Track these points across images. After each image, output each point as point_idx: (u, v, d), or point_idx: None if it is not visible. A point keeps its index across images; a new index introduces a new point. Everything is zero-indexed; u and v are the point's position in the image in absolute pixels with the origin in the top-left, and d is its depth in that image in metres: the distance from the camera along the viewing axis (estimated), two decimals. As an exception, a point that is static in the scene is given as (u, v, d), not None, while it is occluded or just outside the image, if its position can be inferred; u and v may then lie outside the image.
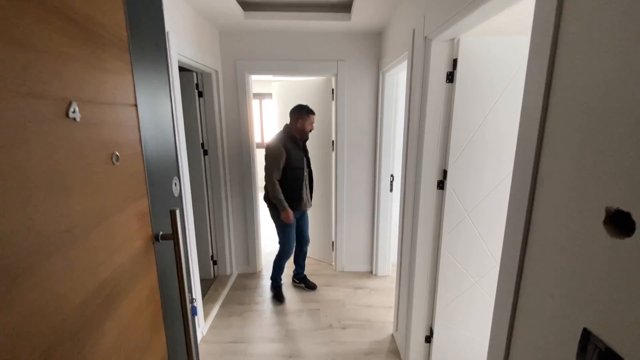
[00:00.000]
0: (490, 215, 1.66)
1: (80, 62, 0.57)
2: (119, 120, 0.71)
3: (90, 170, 0.60)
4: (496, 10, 1.13)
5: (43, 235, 0.47)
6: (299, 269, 2.83)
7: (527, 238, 0.78)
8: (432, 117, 1.59)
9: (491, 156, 1.59)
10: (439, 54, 1.53)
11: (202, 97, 2.62)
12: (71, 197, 0.54)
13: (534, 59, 0.74)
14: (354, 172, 2.92)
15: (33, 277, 0.45)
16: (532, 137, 0.75)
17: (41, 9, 0.48)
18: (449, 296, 1.79)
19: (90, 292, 0.58)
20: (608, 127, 0.56)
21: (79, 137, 0.56)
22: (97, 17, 0.63)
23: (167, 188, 1.01)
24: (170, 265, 0.98)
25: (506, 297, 0.85)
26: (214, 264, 2.97)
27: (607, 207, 0.56)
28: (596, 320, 0.58)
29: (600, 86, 0.58)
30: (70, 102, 0.54)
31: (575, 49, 0.63)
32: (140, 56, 0.82)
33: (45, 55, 0.49)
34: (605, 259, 0.56)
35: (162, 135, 0.97)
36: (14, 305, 0.42)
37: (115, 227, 0.68)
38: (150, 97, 0.88)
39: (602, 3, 0.57)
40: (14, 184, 0.42)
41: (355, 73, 2.73)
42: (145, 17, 0.89)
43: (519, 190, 0.80)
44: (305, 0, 2.27)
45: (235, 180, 2.90)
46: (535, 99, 0.73)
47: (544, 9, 0.71)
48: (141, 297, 0.80)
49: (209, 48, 2.39)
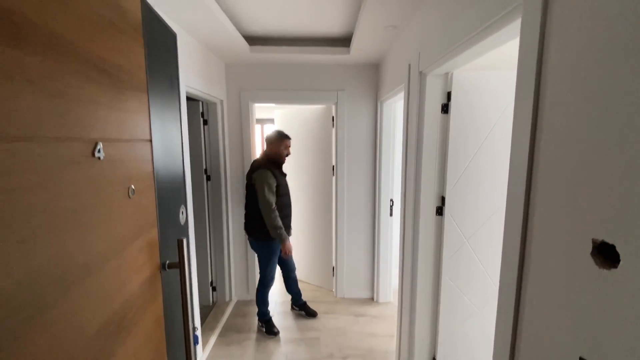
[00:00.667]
0: (489, 243, 1.69)
1: (105, 106, 0.63)
2: (136, 155, 0.76)
3: (109, 205, 0.64)
4: (485, 51, 1.22)
5: (66, 268, 0.51)
6: (295, 296, 2.74)
7: (522, 269, 0.81)
8: (428, 146, 1.66)
9: (487, 184, 1.64)
10: (433, 87, 1.62)
11: (207, 125, 2.71)
12: (92, 231, 0.57)
13: (520, 96, 0.81)
14: (354, 196, 2.96)
15: (55, 310, 0.48)
16: (521, 171, 0.80)
17: (77, 63, 0.54)
18: (451, 324, 1.77)
19: (103, 323, 0.60)
20: (591, 162, 0.61)
21: (101, 173, 0.61)
22: (123, 64, 0.70)
23: (174, 217, 1.04)
24: (174, 294, 1.00)
25: (505, 328, 0.87)
26: (213, 290, 2.93)
27: (593, 238, 0.60)
28: (591, 349, 0.60)
29: (580, 122, 0.63)
30: (97, 143, 0.59)
31: (557, 87, 0.70)
32: (156, 95, 0.89)
33: (78, 103, 0.54)
34: (596, 289, 0.59)
35: (172, 167, 1.02)
36: (39, 337, 0.44)
37: (127, 258, 0.71)
38: (163, 132, 0.94)
39: (582, 45, 0.64)
40: (45, 222, 0.46)
41: (354, 102, 2.84)
42: (162, 61, 0.96)
43: (513, 221, 0.84)
44: (307, 35, 2.42)
45: (236, 206, 2.93)
46: (523, 136, 0.79)
47: (527, 48, 0.79)
48: (147, 326, 0.82)
49: (215, 79, 2.51)
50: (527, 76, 0.78)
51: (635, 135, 0.52)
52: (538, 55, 0.75)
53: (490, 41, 1.10)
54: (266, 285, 2.48)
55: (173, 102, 1.06)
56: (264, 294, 2.50)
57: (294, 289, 2.72)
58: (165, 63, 1.00)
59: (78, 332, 0.53)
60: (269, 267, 2.43)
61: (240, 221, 2.95)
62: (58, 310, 0.48)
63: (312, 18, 2.07)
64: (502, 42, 1.11)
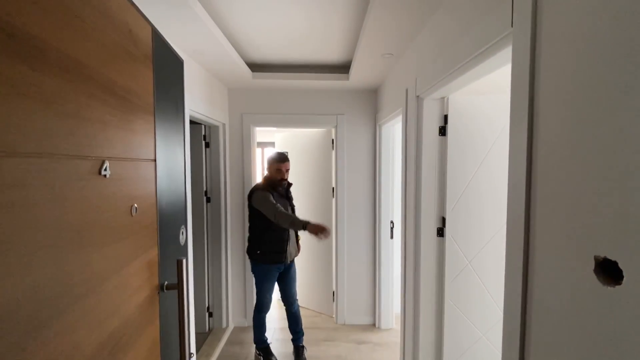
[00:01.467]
0: (492, 264, 1.66)
1: (114, 126, 0.65)
2: (140, 175, 0.77)
3: (112, 223, 0.64)
4: (479, 76, 1.27)
5: (65, 286, 0.50)
6: (293, 334, 2.48)
7: (526, 291, 0.80)
8: (427, 167, 1.68)
9: (487, 204, 1.64)
10: (430, 111, 1.67)
11: (209, 148, 2.75)
12: (93, 249, 0.57)
13: (515, 119, 0.83)
14: (354, 218, 2.95)
15: (54, 327, 0.47)
16: (520, 190, 0.81)
17: (90, 85, 0.57)
18: (456, 351, 1.70)
19: (99, 344, 0.59)
20: (588, 179, 0.62)
21: (106, 191, 0.62)
22: (133, 88, 0.73)
23: (174, 237, 1.04)
24: (171, 317, 0.97)
25: (512, 353, 0.84)
26: (209, 316, 2.84)
27: (595, 256, 0.60)
28: (602, 372, 0.58)
29: (575, 140, 0.65)
30: (104, 161, 0.60)
31: (549, 107, 0.72)
32: (162, 117, 0.92)
33: (88, 123, 0.56)
34: (602, 307, 0.58)
35: (175, 187, 1.03)
36: (37, 354, 0.43)
37: (126, 277, 0.70)
38: (167, 153, 0.96)
39: (570, 68, 0.67)
40: (49, 238, 0.46)
41: (353, 125, 2.90)
42: (169, 85, 1.00)
43: (514, 242, 0.84)
44: (307, 62, 2.52)
45: (236, 229, 2.91)
46: (520, 156, 0.81)
47: (519, 72, 0.82)
48: (143, 350, 0.79)
49: (218, 103, 2.58)
50: (521, 98, 0.81)
51: (630, 150, 0.54)
52: (530, 78, 0.78)
53: (484, 67, 1.15)
54: (260, 310, 2.37)
55: (178, 125, 1.09)
56: (259, 320, 2.40)
57: (292, 326, 2.47)
58: (172, 88, 1.04)
59: (74, 351, 0.51)
60: (262, 291, 2.34)
61: (240, 244, 2.92)
62: (53, 329, 0.47)
63: (312, 47, 2.16)
64: (495, 67, 1.16)
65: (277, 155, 2.36)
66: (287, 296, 2.42)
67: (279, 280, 2.40)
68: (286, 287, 2.41)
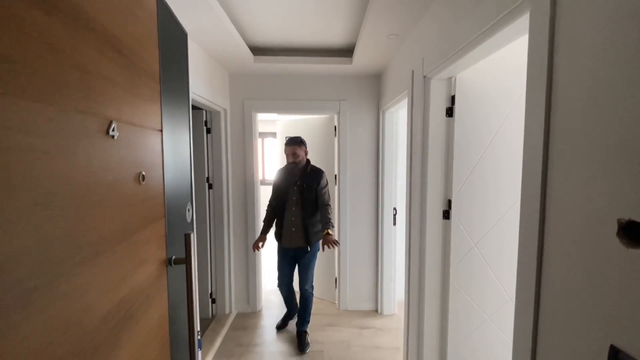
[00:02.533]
0: (499, 247, 1.65)
1: (121, 87, 0.63)
2: (147, 143, 0.75)
3: (120, 187, 0.62)
4: (488, 52, 1.24)
5: (78, 243, 0.48)
6: (298, 318, 2.51)
7: (541, 259, 0.79)
8: (434, 149, 1.66)
9: (495, 185, 1.62)
10: (438, 91, 1.64)
11: (210, 134, 2.72)
12: (103, 209, 0.56)
13: (532, 88, 0.81)
14: (357, 205, 2.94)
15: (65, 284, 0.45)
16: (537, 159, 0.79)
17: (98, 40, 0.54)
18: (460, 333, 1.71)
19: (110, 308, 0.58)
20: (612, 139, 0.60)
21: (114, 154, 0.60)
22: (138, 50, 0.70)
23: (181, 213, 1.02)
24: (179, 294, 0.96)
25: (526, 322, 0.83)
26: (212, 302, 2.85)
27: (618, 219, 0.58)
28: (623, 335, 0.57)
29: (598, 111, 0.63)
30: (111, 122, 0.58)
31: (570, 72, 0.70)
32: (167, 87, 0.89)
33: (96, 79, 0.54)
34: (624, 271, 0.57)
35: (180, 162, 1.01)
36: (48, 309, 0.42)
37: (135, 245, 0.69)
38: (172, 125, 0.94)
39: (592, 36, 0.65)
40: (60, 190, 0.45)
41: (356, 111, 2.87)
42: (174, 56, 0.97)
43: (529, 211, 0.82)
44: (310, 46, 2.47)
45: (238, 216, 2.89)
46: (537, 125, 0.79)
47: (537, 46, 0.80)
48: (152, 322, 0.78)
49: (219, 88, 2.54)
50: (539, 62, 0.78)
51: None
52: (549, 45, 0.76)
53: (494, 41, 1.12)
54: (278, 283, 2.60)
55: (183, 99, 1.06)
56: (280, 292, 2.64)
57: (299, 311, 2.51)
58: (176, 59, 1.01)
59: (86, 312, 0.50)
60: (277, 264, 2.58)
61: (242, 231, 2.91)
62: (68, 285, 0.46)
63: (315, 29, 2.12)
64: (506, 41, 1.13)
65: (285, 140, 2.49)
66: (299, 281, 2.52)
67: (297, 264, 2.53)
68: (299, 272, 2.52)
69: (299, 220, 2.37)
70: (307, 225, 2.36)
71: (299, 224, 2.37)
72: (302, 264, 2.46)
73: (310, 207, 2.36)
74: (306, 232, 2.36)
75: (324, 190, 2.36)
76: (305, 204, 2.36)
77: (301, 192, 2.36)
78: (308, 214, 2.35)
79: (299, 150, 2.38)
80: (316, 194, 2.36)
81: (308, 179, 2.38)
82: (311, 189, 2.35)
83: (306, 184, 2.36)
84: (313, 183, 2.36)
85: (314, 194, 2.36)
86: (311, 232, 2.36)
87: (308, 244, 2.37)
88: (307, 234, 2.36)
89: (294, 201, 2.38)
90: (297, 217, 2.37)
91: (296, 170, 2.40)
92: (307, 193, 2.35)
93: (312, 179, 2.38)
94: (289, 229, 2.38)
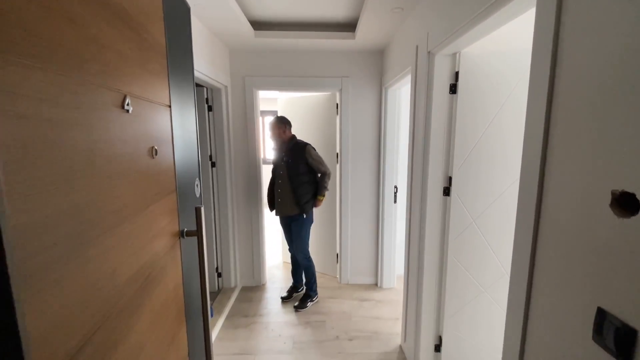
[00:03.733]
0: (497, 223, 1.70)
1: (132, 61, 0.64)
2: (157, 118, 0.77)
3: (136, 159, 0.65)
4: (495, 26, 1.22)
5: (102, 212, 0.52)
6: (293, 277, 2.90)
7: (537, 228, 0.83)
8: (437, 126, 1.67)
9: (494, 163, 1.65)
10: (442, 67, 1.63)
11: (212, 111, 2.71)
12: (122, 180, 0.58)
13: (536, 64, 0.81)
14: (358, 183, 2.97)
15: (93, 249, 0.49)
16: (537, 137, 0.81)
17: (110, 13, 0.55)
18: (456, 304, 1.79)
19: (132, 273, 0.62)
20: (608, 124, 0.62)
21: (129, 127, 0.62)
22: (146, 25, 0.70)
23: (190, 188, 1.05)
24: (191, 265, 1.01)
25: (519, 288, 0.89)
26: (218, 277, 2.96)
27: (612, 190, 0.61)
28: (610, 298, 0.62)
29: (599, 87, 0.64)
30: (125, 96, 0.60)
31: (574, 56, 0.71)
32: (174, 63, 0.90)
33: (109, 52, 0.55)
34: (615, 238, 0.61)
35: (188, 137, 1.03)
36: (82, 270, 0.46)
37: (152, 216, 0.72)
38: (180, 101, 0.95)
39: (599, 17, 0.65)
40: (83, 160, 0.47)
41: (358, 89, 2.84)
42: (178, 30, 0.97)
43: (528, 188, 0.85)
44: (312, 20, 2.41)
45: (242, 193, 2.94)
46: (539, 99, 0.80)
47: (542, 22, 0.80)
48: (169, 289, 0.83)
49: (219, 64, 2.50)
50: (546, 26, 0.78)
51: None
52: (555, 19, 0.75)
53: (501, 14, 1.11)
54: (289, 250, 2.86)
55: (188, 74, 1.06)
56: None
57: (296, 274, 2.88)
58: (180, 34, 1.00)
59: (112, 275, 0.54)
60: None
61: (245, 207, 2.97)
62: (94, 250, 0.49)
63: (317, 1, 2.06)
64: (513, 15, 1.11)
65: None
66: (293, 247, 2.71)
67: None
68: (292, 239, 2.71)
69: (285, 192, 2.59)
70: (294, 196, 2.57)
71: (284, 196, 2.59)
72: (293, 232, 2.67)
73: (297, 179, 2.55)
74: (292, 202, 2.57)
75: (310, 162, 2.55)
76: (292, 178, 2.55)
77: (288, 167, 2.56)
78: (294, 186, 2.55)
79: (277, 129, 2.58)
80: (309, 167, 2.54)
81: (292, 154, 2.56)
82: (296, 163, 2.54)
83: (291, 159, 2.56)
84: (297, 157, 2.54)
85: (300, 168, 2.54)
86: (298, 202, 2.56)
87: (295, 212, 2.58)
88: (294, 203, 2.57)
89: (281, 175, 2.60)
90: (283, 189, 2.59)
91: (283, 147, 2.60)
92: (292, 167, 2.55)
93: (296, 154, 2.55)
94: (278, 200, 2.63)
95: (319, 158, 2.59)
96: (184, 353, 0.95)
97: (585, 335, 0.68)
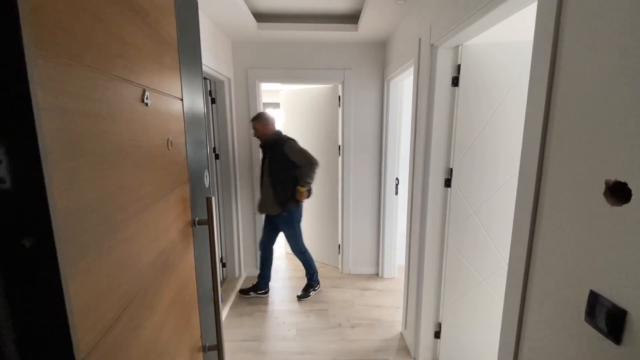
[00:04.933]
0: (497, 215, 1.74)
1: (149, 56, 0.66)
2: (172, 111, 0.80)
3: (155, 150, 0.68)
4: (498, 19, 1.24)
5: (128, 198, 0.55)
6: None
7: (535, 217, 0.86)
8: (439, 118, 1.69)
9: (496, 155, 1.68)
10: (444, 60, 1.64)
11: (215, 104, 2.72)
12: (145, 170, 0.62)
13: (537, 57, 0.84)
14: (360, 175, 3.01)
15: (122, 232, 0.53)
16: (537, 130, 0.84)
17: (129, 11, 0.58)
18: (456, 292, 1.84)
19: (153, 258, 0.66)
20: (604, 117, 0.65)
21: (148, 119, 0.65)
22: (161, 20, 0.73)
23: (200, 179, 1.09)
24: (201, 253, 1.05)
25: (517, 273, 0.93)
26: (223, 267, 3.02)
27: (606, 180, 0.65)
28: (602, 282, 0.66)
29: (596, 80, 0.67)
30: (144, 90, 0.63)
31: (574, 49, 0.73)
32: (184, 56, 0.92)
33: (130, 48, 0.58)
34: (608, 224, 0.64)
35: (198, 129, 1.06)
36: (113, 252, 0.49)
37: (169, 204, 0.76)
38: (190, 94, 0.98)
39: (599, 10, 0.68)
40: (114, 151, 0.51)
41: (361, 81, 2.85)
42: (188, 24, 0.99)
43: (527, 173, 0.88)
44: (314, 12, 2.41)
45: (245, 185, 2.98)
46: (539, 93, 0.83)
47: (544, 15, 0.82)
48: (184, 275, 0.87)
49: (222, 57, 2.51)
50: (546, 22, 0.81)
51: (651, 77, 0.56)
52: (557, 13, 0.78)
53: (504, 7, 1.12)
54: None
55: (196, 67, 1.09)
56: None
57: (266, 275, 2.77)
58: (190, 28, 1.03)
59: (138, 257, 0.58)
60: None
61: (249, 200, 3.01)
62: (122, 234, 0.53)
63: (321, -8, 2.06)
64: (515, 8, 1.13)
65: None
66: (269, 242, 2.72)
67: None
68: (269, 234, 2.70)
69: (266, 190, 2.53)
70: (274, 193, 2.50)
71: (265, 194, 2.54)
72: (284, 234, 2.67)
73: (277, 176, 2.47)
74: (273, 200, 2.50)
75: (290, 155, 2.43)
76: (272, 175, 2.49)
77: (269, 164, 2.50)
78: (274, 183, 2.48)
79: (256, 125, 2.50)
80: (291, 163, 2.44)
81: (272, 151, 2.50)
82: (276, 159, 2.47)
83: (271, 156, 2.49)
84: (277, 153, 2.46)
85: (282, 164, 2.46)
86: (278, 199, 2.49)
87: (276, 212, 2.52)
88: (274, 202, 2.51)
89: (264, 172, 2.54)
90: (264, 187, 2.54)
91: (265, 144, 2.54)
92: (272, 164, 2.48)
93: (275, 150, 2.48)
94: (260, 198, 2.59)
95: (301, 150, 2.45)
96: (197, 336, 1.00)
97: (578, 317, 0.72)
